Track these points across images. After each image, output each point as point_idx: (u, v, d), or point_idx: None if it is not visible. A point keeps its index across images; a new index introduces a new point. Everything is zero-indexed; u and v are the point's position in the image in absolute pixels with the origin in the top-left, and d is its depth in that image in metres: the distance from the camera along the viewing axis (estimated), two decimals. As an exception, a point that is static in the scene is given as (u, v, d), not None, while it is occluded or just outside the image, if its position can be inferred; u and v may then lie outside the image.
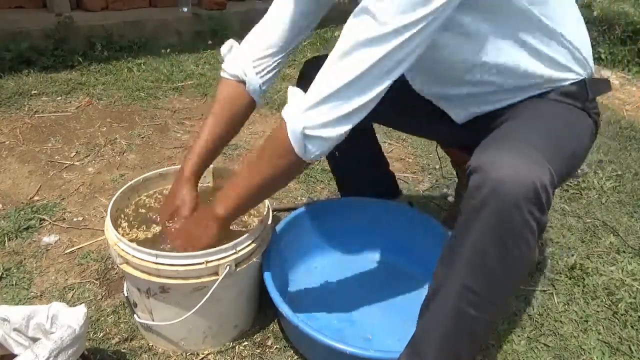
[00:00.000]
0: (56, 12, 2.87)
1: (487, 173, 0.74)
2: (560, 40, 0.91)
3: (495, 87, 0.97)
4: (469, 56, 0.91)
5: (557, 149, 0.84)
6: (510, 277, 0.79)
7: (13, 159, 1.82)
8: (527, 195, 0.71)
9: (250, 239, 1.02)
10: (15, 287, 1.25)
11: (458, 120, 1.10)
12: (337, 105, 0.79)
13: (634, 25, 3.30)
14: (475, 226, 0.75)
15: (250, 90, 1.10)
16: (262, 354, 1.11)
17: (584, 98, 0.96)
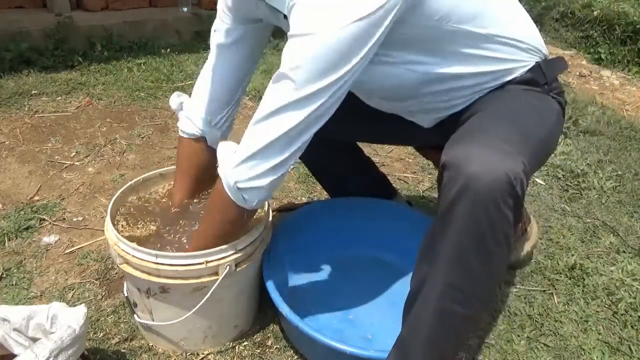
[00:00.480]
0: (56, 12, 2.87)
1: (459, 168, 0.74)
2: (499, 40, 0.91)
3: (449, 95, 0.97)
4: (411, 78, 0.92)
5: (525, 136, 0.84)
6: (491, 270, 0.79)
7: (13, 159, 1.82)
8: (501, 187, 0.71)
9: (250, 239, 1.02)
10: (15, 287, 1.25)
11: (425, 125, 1.11)
12: (261, 162, 0.85)
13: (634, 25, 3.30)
14: (451, 222, 0.75)
15: (213, 143, 1.13)
16: (262, 354, 1.11)
17: (542, 82, 0.97)
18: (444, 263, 0.78)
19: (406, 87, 0.95)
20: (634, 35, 3.31)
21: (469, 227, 0.74)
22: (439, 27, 0.85)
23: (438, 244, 0.79)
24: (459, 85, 0.95)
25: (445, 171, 0.77)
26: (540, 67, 0.97)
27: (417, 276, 0.85)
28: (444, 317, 0.81)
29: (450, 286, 0.79)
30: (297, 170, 1.87)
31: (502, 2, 0.95)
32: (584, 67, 3.35)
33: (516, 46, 0.94)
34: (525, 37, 0.96)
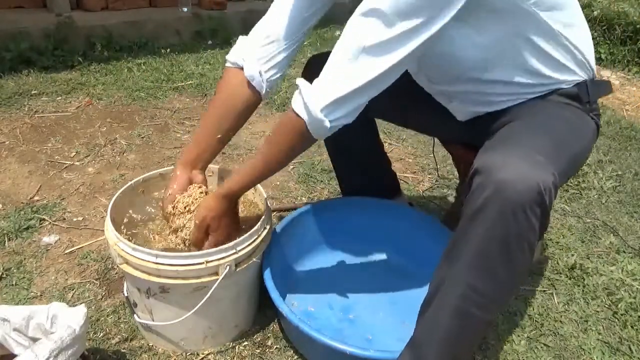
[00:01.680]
0: (56, 12, 2.87)
1: (490, 174, 0.74)
2: (563, 42, 0.92)
3: (499, 86, 0.97)
4: (475, 53, 0.92)
5: (560, 151, 0.84)
6: (513, 276, 0.79)
7: (13, 159, 1.82)
8: (531, 197, 0.72)
9: (250, 239, 1.02)
10: (15, 287, 1.25)
11: (460, 118, 1.11)
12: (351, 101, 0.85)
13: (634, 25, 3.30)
14: (478, 227, 0.76)
15: (249, 77, 1.08)
16: (262, 354, 1.11)
17: (585, 100, 0.97)
18: (467, 265, 0.78)
19: (466, 64, 0.94)
20: (634, 35, 3.31)
21: (496, 232, 0.74)
22: (518, 3, 0.85)
23: (462, 246, 0.79)
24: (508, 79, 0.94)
25: (476, 176, 0.77)
26: (586, 85, 0.97)
27: (437, 277, 0.85)
28: (462, 319, 0.81)
29: (471, 289, 0.79)
30: (297, 171, 1.87)
31: (575, 4, 0.96)
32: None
33: (575, 56, 0.95)
34: (584, 49, 0.96)
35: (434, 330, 0.84)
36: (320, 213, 1.34)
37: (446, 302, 0.82)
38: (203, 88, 2.57)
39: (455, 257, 0.80)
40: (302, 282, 1.29)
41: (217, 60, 2.98)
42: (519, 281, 0.82)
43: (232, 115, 1.11)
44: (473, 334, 0.84)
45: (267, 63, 1.08)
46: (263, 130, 2.19)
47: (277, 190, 1.74)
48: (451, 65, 0.97)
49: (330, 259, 1.37)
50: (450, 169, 1.93)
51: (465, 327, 0.82)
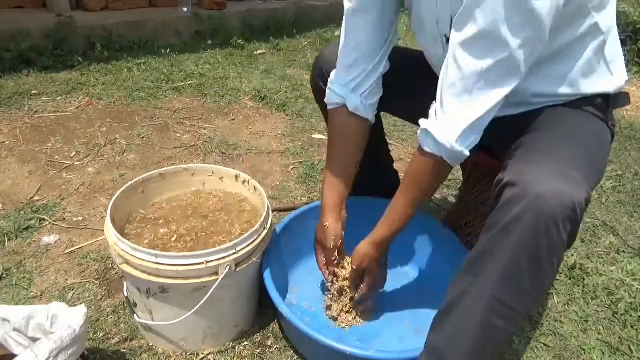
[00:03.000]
0: (56, 12, 2.87)
1: (525, 188, 0.74)
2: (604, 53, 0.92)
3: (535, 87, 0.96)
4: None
5: (591, 165, 0.84)
6: (540, 290, 0.79)
7: (13, 159, 1.82)
8: (565, 213, 0.72)
9: (250, 239, 1.02)
10: (15, 287, 1.25)
11: None
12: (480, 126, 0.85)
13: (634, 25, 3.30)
14: (509, 239, 0.75)
15: (354, 108, 1.10)
16: (262, 354, 1.11)
17: (605, 109, 0.97)
18: (495, 277, 0.78)
19: None
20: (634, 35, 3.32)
21: (527, 245, 0.74)
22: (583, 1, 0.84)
23: (488, 257, 0.78)
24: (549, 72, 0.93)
25: (508, 188, 0.77)
26: (609, 96, 0.97)
27: (459, 286, 0.84)
28: (487, 330, 0.81)
29: (498, 300, 0.79)
30: (297, 171, 1.87)
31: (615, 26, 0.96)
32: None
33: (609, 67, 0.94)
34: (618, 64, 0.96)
35: (458, 341, 0.83)
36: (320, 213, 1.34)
37: (471, 313, 0.81)
38: (203, 88, 2.58)
39: (482, 269, 0.80)
40: (302, 282, 1.29)
41: (217, 60, 2.98)
42: (543, 295, 0.82)
43: (353, 150, 1.15)
44: (497, 346, 0.84)
45: (365, 90, 1.09)
46: (263, 130, 2.19)
47: (277, 190, 1.74)
48: None
49: (330, 259, 1.36)
50: (450, 169, 1.93)
51: (490, 339, 0.82)
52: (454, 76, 0.82)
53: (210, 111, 2.33)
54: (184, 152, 1.96)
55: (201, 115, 2.28)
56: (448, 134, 0.85)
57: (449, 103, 0.84)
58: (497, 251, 0.77)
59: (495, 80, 0.80)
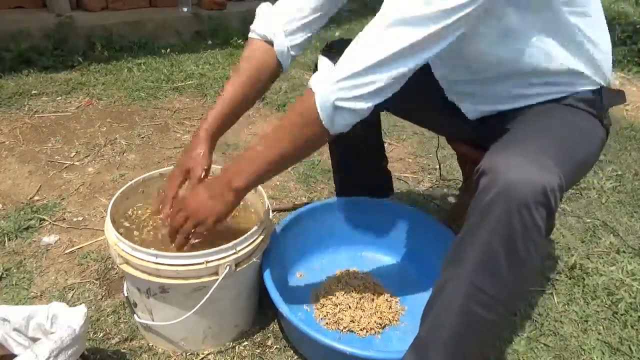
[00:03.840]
0: (56, 12, 2.87)
1: (496, 175, 0.74)
2: (587, 49, 0.92)
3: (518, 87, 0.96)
4: (502, 51, 0.91)
5: (569, 155, 0.84)
6: (518, 276, 0.79)
7: (13, 159, 1.82)
8: (536, 198, 0.72)
9: (250, 239, 1.02)
10: (15, 287, 1.25)
11: (471, 117, 1.10)
12: (371, 79, 0.79)
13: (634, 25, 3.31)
14: (484, 226, 0.76)
15: (278, 52, 1.06)
16: (262, 354, 1.11)
17: (598, 106, 0.97)
18: (472, 264, 0.78)
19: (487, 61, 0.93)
20: (634, 35, 3.32)
21: (500, 230, 0.74)
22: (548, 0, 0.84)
23: (467, 246, 0.79)
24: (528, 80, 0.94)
25: (483, 177, 0.77)
26: (601, 92, 0.97)
27: (442, 278, 0.85)
28: (467, 318, 0.81)
29: (476, 288, 0.79)
30: (297, 170, 1.87)
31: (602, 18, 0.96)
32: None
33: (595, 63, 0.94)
34: (604, 57, 0.96)
35: (439, 331, 0.83)
36: (320, 213, 1.34)
37: (451, 302, 0.82)
38: (203, 88, 2.57)
39: (460, 257, 0.80)
40: (302, 282, 1.29)
41: (217, 60, 2.98)
42: (524, 282, 0.81)
43: (256, 87, 1.09)
44: (478, 335, 0.83)
45: (296, 39, 1.06)
46: (263, 130, 2.19)
47: (277, 190, 1.74)
48: (476, 62, 0.96)
49: (330, 258, 1.36)
50: (450, 170, 1.93)
51: (470, 327, 0.82)
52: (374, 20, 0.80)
53: (210, 111, 2.33)
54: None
55: (201, 115, 2.28)
56: (330, 72, 0.81)
57: (354, 42, 0.81)
58: (474, 239, 0.77)
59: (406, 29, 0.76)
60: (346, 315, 1.17)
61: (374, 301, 1.22)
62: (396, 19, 0.76)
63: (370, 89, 0.80)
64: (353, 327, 1.15)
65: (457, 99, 1.11)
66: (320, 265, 1.35)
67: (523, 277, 0.79)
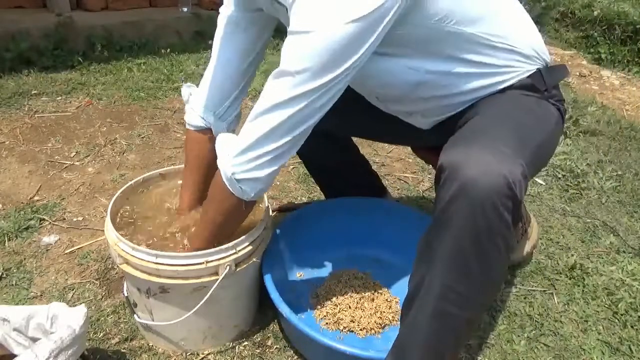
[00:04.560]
0: (56, 12, 2.87)
1: (455, 170, 0.73)
2: (499, 47, 0.91)
3: (446, 101, 0.97)
4: (415, 75, 0.92)
5: (524, 140, 0.83)
6: (489, 272, 0.78)
7: (13, 159, 1.82)
8: (499, 191, 0.71)
9: (250, 239, 1.02)
10: (15, 287, 1.25)
11: (423, 127, 1.11)
12: (259, 153, 0.86)
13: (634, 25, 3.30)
14: (448, 224, 0.75)
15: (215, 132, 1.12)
16: (262, 354, 1.11)
17: (542, 88, 0.96)
18: (442, 265, 0.78)
19: (404, 87, 0.95)
20: (634, 35, 3.32)
21: (466, 229, 0.73)
22: (439, 28, 0.84)
23: (435, 245, 0.78)
24: (456, 91, 0.94)
25: (441, 173, 0.76)
26: (540, 74, 0.96)
27: (415, 278, 0.85)
28: (442, 319, 0.81)
29: (447, 288, 0.78)
30: (297, 171, 1.87)
31: (505, 7, 0.95)
32: (584, 67, 3.35)
33: (518, 53, 0.94)
34: (527, 44, 0.95)
35: (416, 333, 0.84)
36: (320, 213, 1.34)
37: (425, 303, 0.81)
38: (203, 88, 2.57)
39: (430, 257, 0.80)
40: (302, 282, 1.29)
41: (217, 60, 2.98)
42: (496, 277, 0.80)
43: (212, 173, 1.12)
44: (454, 334, 0.83)
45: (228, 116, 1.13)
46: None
47: (277, 190, 1.74)
48: (396, 89, 0.97)
49: (330, 258, 1.36)
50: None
51: (446, 327, 0.82)
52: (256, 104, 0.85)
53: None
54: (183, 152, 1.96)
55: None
56: (227, 151, 0.89)
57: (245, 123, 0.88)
58: (440, 238, 0.77)
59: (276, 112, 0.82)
60: (346, 315, 1.17)
61: (373, 301, 1.22)
62: (270, 103, 0.82)
63: (263, 160, 0.86)
64: (353, 327, 1.15)
65: (404, 117, 1.11)
66: (320, 265, 1.35)
67: (495, 271, 0.79)
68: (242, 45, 1.05)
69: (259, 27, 1.04)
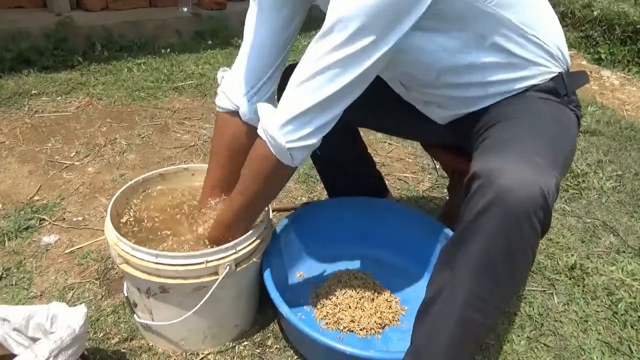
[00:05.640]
0: (56, 12, 2.87)
1: (490, 179, 0.73)
2: (532, 39, 0.91)
3: (473, 89, 0.96)
4: (446, 57, 0.91)
5: (555, 149, 0.83)
6: (515, 281, 0.79)
7: (13, 158, 1.82)
8: (534, 201, 0.71)
9: (250, 239, 1.02)
10: (15, 287, 1.25)
11: (440, 122, 1.10)
12: (312, 120, 0.85)
13: (634, 26, 3.30)
14: (479, 232, 0.74)
15: (247, 120, 1.10)
16: (262, 354, 1.11)
17: (562, 93, 0.96)
18: (470, 272, 0.77)
19: (432, 67, 0.93)
20: (634, 35, 3.31)
21: (498, 238, 0.73)
22: (478, 6, 0.84)
23: (462, 252, 0.78)
24: (481, 80, 0.93)
25: (474, 180, 0.76)
26: (562, 78, 0.96)
27: (436, 283, 0.84)
28: (465, 326, 0.81)
29: (474, 295, 0.78)
30: (297, 171, 1.86)
31: (541, 1, 0.95)
32: (584, 67, 3.35)
33: (545, 50, 0.93)
34: (554, 43, 0.95)
35: (437, 339, 0.83)
36: (320, 213, 1.34)
37: (448, 310, 0.81)
38: (203, 88, 2.57)
39: (456, 263, 0.79)
40: (302, 282, 1.29)
41: (217, 60, 2.98)
42: (520, 286, 0.82)
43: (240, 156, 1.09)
44: (475, 340, 0.84)
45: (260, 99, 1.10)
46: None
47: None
48: (424, 71, 0.96)
49: (330, 258, 1.36)
50: (450, 169, 1.93)
51: (468, 334, 0.82)
52: (299, 66, 0.83)
53: (211, 111, 2.33)
54: (184, 152, 1.96)
55: (201, 115, 2.28)
56: (273, 119, 0.87)
57: (287, 90, 0.86)
58: (470, 245, 0.76)
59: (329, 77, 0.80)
60: (346, 315, 1.17)
61: (374, 301, 1.22)
62: (323, 65, 0.80)
63: (312, 128, 0.85)
64: (353, 327, 1.15)
65: (422, 108, 1.10)
66: (320, 265, 1.35)
67: (521, 281, 0.80)
68: (276, 25, 1.03)
69: (293, 7, 1.03)
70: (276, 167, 0.90)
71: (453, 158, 1.20)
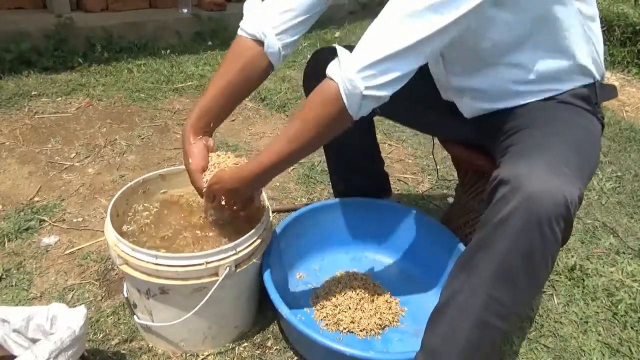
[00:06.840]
0: (56, 13, 2.87)
1: (517, 185, 0.74)
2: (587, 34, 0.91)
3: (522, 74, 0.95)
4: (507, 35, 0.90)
5: (582, 160, 0.84)
6: (534, 288, 0.79)
7: (13, 159, 1.82)
8: (558, 210, 0.71)
9: (250, 239, 1.02)
10: (15, 288, 1.25)
11: (467, 115, 1.09)
12: (393, 67, 0.79)
13: (634, 27, 3.30)
14: (503, 238, 0.75)
15: (269, 52, 1.04)
16: (262, 354, 1.11)
17: (594, 101, 0.96)
18: (490, 275, 0.78)
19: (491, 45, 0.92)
20: (634, 37, 3.32)
21: (521, 245, 0.74)
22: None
23: (483, 256, 0.78)
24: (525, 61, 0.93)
25: (502, 186, 0.76)
26: (595, 87, 0.96)
27: (453, 286, 0.84)
28: (483, 329, 0.81)
29: (493, 299, 0.78)
30: (297, 172, 1.87)
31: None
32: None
33: (592, 53, 0.94)
34: (601, 47, 0.95)
35: (454, 341, 0.83)
36: (319, 214, 1.34)
37: (466, 312, 0.81)
38: (203, 89, 2.57)
39: (475, 267, 0.79)
40: (302, 283, 1.29)
41: (217, 61, 2.98)
42: (538, 291, 0.82)
43: (246, 85, 1.08)
44: (492, 344, 0.84)
45: (286, 39, 1.04)
46: (263, 132, 2.19)
47: (277, 191, 1.74)
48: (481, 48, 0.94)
49: (330, 259, 1.36)
50: (449, 170, 1.93)
51: (485, 338, 0.82)
52: (388, 7, 0.80)
53: (210, 112, 2.33)
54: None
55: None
56: (354, 60, 0.80)
57: (371, 31, 0.81)
58: (491, 249, 0.77)
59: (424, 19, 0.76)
60: (346, 316, 1.17)
61: (373, 302, 1.22)
62: (423, 6, 0.76)
63: (392, 77, 0.80)
64: (353, 328, 1.15)
65: (455, 96, 1.09)
66: (320, 266, 1.35)
67: (538, 286, 0.80)
68: None
69: None
70: (340, 113, 0.84)
71: (471, 154, 1.20)
